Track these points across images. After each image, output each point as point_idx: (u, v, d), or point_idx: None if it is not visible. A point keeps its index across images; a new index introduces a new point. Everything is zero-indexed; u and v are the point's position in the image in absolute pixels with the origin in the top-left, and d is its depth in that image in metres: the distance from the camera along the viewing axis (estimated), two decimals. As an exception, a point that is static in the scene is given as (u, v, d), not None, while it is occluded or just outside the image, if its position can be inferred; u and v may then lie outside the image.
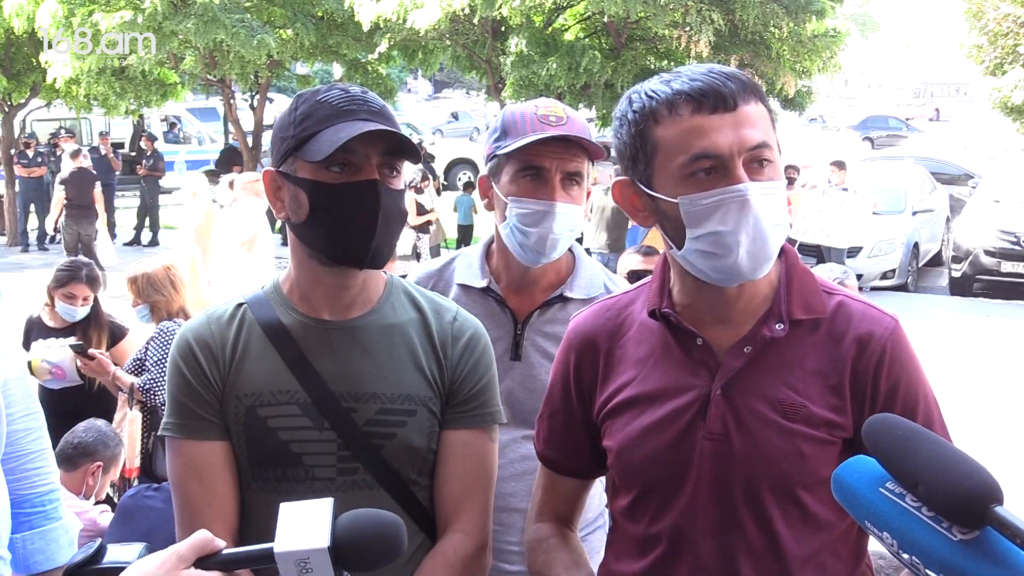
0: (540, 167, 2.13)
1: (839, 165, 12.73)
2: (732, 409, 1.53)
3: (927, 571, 1.09)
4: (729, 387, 1.54)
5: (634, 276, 4.35)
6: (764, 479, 1.52)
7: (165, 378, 5.00)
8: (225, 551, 1.15)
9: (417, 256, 12.40)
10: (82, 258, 5.30)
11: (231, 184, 9.15)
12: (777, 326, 1.54)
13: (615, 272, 3.38)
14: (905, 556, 1.11)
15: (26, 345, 5.05)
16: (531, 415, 2.21)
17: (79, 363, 4.79)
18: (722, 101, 1.46)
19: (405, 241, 12.83)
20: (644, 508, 1.61)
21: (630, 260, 4.65)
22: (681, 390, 1.57)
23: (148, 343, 4.79)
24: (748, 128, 1.47)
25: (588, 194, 2.25)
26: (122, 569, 1.13)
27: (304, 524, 1.14)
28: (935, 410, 1.58)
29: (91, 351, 4.77)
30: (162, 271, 4.92)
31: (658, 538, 1.59)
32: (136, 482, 4.47)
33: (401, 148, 1.69)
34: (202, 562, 1.13)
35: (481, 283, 2.27)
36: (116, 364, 4.80)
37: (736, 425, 1.53)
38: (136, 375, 4.72)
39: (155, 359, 4.65)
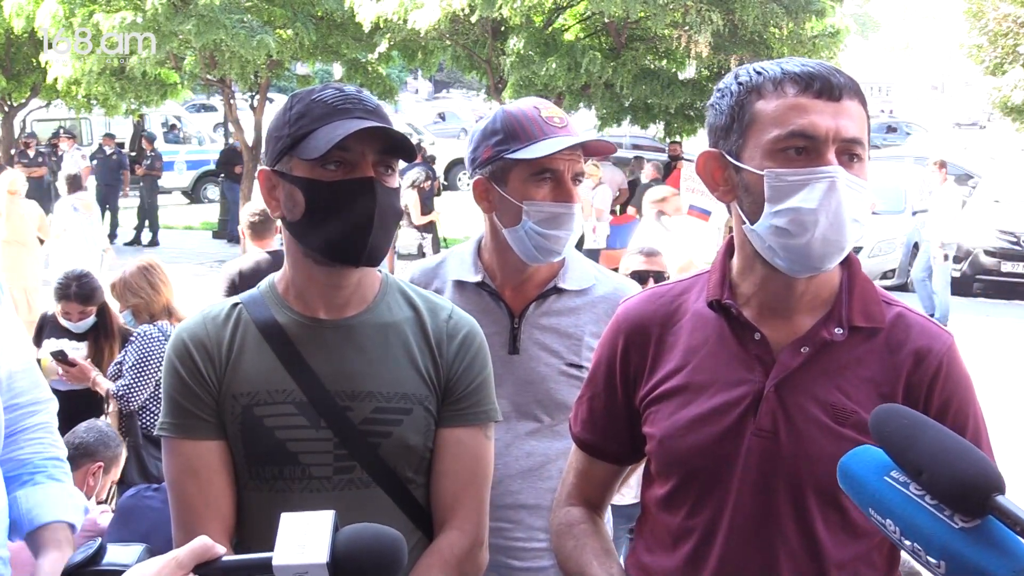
0: (556, 170, 2.17)
1: None
2: (783, 408, 1.53)
3: (928, 558, 1.10)
4: (782, 385, 1.54)
5: (636, 276, 4.34)
6: (809, 480, 1.52)
7: (141, 384, 4.95)
8: (224, 558, 1.14)
9: (422, 255, 12.43)
10: (77, 271, 5.17)
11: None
12: (836, 330, 1.55)
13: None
14: (907, 543, 1.12)
15: (38, 341, 5.05)
16: (532, 408, 2.21)
17: (61, 370, 4.76)
18: (828, 89, 1.48)
19: (410, 240, 12.85)
20: (682, 499, 1.61)
21: (633, 260, 4.62)
22: (733, 383, 1.57)
23: (127, 347, 4.73)
24: (847, 120, 1.48)
25: None
26: (121, 571, 1.12)
27: (304, 537, 1.13)
28: (983, 432, 1.58)
29: (71, 357, 4.74)
30: (138, 273, 4.78)
31: (694, 530, 1.59)
32: (116, 489, 4.43)
33: (396, 146, 1.69)
34: (201, 568, 1.12)
35: (475, 278, 2.28)
36: None
37: (786, 424, 1.53)
38: (116, 380, 4.69)
39: (130, 364, 4.60)
